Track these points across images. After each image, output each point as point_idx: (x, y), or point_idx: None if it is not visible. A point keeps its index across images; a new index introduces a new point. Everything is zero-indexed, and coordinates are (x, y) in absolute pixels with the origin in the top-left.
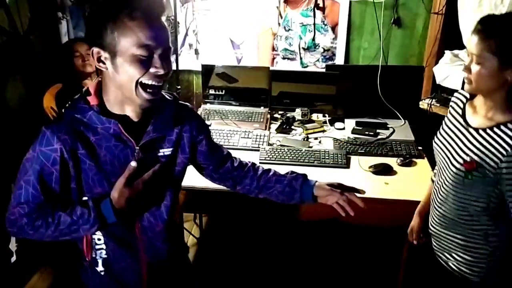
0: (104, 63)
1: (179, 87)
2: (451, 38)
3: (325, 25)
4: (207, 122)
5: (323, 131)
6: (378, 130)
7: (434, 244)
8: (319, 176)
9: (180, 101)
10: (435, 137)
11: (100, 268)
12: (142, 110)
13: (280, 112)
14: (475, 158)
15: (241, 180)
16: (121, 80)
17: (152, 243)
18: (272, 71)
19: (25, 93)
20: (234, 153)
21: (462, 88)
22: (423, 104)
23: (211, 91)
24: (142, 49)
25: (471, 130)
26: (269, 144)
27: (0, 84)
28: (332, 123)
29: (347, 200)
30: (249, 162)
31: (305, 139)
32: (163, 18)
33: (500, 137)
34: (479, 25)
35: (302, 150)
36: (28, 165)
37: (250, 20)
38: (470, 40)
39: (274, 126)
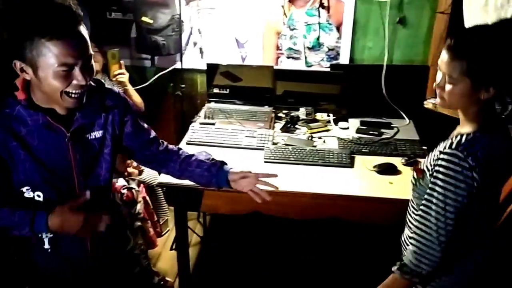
0: (27, 73)
1: (183, 85)
2: None
3: (330, 24)
4: (211, 121)
5: (327, 130)
6: (382, 130)
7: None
8: (323, 175)
9: (105, 86)
10: None
11: (46, 246)
12: (68, 109)
13: (284, 111)
14: (424, 166)
15: (165, 163)
16: (45, 89)
17: None
18: (276, 70)
19: None
20: (238, 152)
21: None
22: (428, 103)
23: (216, 90)
24: (61, 66)
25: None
26: (274, 143)
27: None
28: (336, 122)
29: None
30: (175, 147)
31: (309, 138)
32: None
33: (447, 140)
34: (450, 41)
35: (306, 149)
36: None
37: (254, 19)
38: (442, 56)
39: (279, 125)
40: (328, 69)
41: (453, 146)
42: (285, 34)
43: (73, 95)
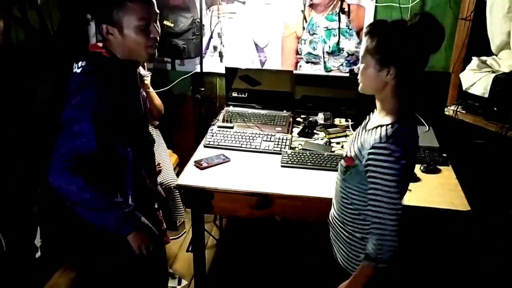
0: (113, 35)
1: (202, 89)
2: (478, 44)
3: (350, 29)
4: (230, 124)
5: (346, 135)
6: None
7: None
8: None
9: None
10: None
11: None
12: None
13: (302, 116)
14: (353, 154)
15: None
16: (129, 45)
17: None
18: (295, 75)
19: (54, 92)
20: (256, 156)
21: (490, 95)
22: (449, 110)
23: (234, 94)
24: (142, 21)
25: (363, 131)
26: (291, 148)
27: (30, 84)
28: (354, 128)
29: None
30: None
31: (327, 143)
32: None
33: (374, 133)
34: (367, 28)
35: (324, 154)
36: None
37: (274, 24)
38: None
39: (296, 130)
40: (347, 74)
41: (382, 140)
42: (304, 39)
43: (153, 47)
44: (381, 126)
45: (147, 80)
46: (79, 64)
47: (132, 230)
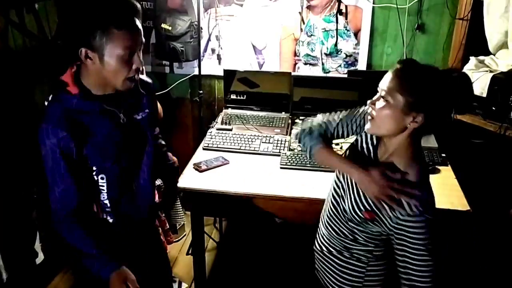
0: (92, 60)
1: (201, 91)
2: (476, 44)
3: (348, 30)
4: (229, 127)
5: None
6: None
7: (316, 264)
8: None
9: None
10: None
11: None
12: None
13: (301, 118)
14: (374, 207)
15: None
16: (106, 74)
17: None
18: (293, 77)
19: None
20: (255, 158)
21: (488, 94)
22: None
23: (233, 96)
24: (126, 51)
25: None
26: (290, 149)
27: (28, 88)
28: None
29: None
30: None
31: None
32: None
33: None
34: (399, 65)
35: None
36: (50, 160)
37: (272, 26)
38: (385, 75)
39: (295, 131)
40: (346, 76)
41: (419, 209)
42: (302, 41)
43: (133, 78)
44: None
45: None
46: (49, 97)
47: (111, 273)
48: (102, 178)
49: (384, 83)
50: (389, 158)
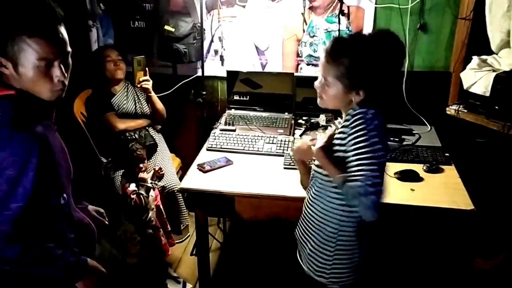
0: (7, 68)
1: (204, 93)
2: (478, 44)
3: (350, 31)
4: (232, 127)
5: None
6: (403, 136)
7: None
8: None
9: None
10: None
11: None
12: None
13: (304, 118)
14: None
15: None
16: (27, 85)
17: None
18: (296, 77)
19: None
20: (258, 158)
21: (491, 93)
22: (450, 110)
23: (236, 97)
24: (41, 61)
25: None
26: (293, 150)
27: None
28: None
29: None
30: None
31: None
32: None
33: (344, 125)
34: (329, 46)
35: None
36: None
37: (275, 27)
38: (321, 60)
39: (298, 131)
40: None
41: (351, 113)
42: (305, 41)
43: (60, 90)
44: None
45: (148, 85)
46: None
47: (78, 280)
48: (64, 199)
49: (321, 68)
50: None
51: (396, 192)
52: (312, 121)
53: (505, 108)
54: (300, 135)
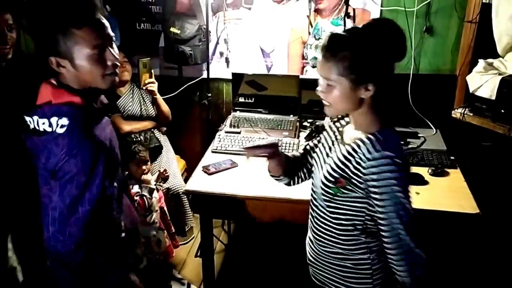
0: (65, 68)
1: (209, 94)
2: (484, 47)
3: None
4: (237, 130)
5: None
6: (409, 139)
7: (313, 274)
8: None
9: None
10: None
11: None
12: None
13: (309, 120)
14: (341, 172)
15: None
16: (84, 77)
17: None
18: (301, 80)
19: None
20: (263, 161)
21: (497, 97)
22: (456, 113)
23: (241, 99)
24: (95, 49)
25: (342, 145)
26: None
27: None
28: None
29: None
30: None
31: None
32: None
33: (362, 146)
34: (324, 44)
35: None
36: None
37: (280, 29)
38: (319, 61)
39: (303, 134)
40: None
41: (377, 149)
42: (310, 44)
43: (113, 74)
44: (367, 137)
45: (153, 87)
46: (56, 122)
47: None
48: (115, 187)
49: (320, 69)
50: (358, 130)
51: None
52: (317, 123)
53: (511, 111)
54: (305, 138)
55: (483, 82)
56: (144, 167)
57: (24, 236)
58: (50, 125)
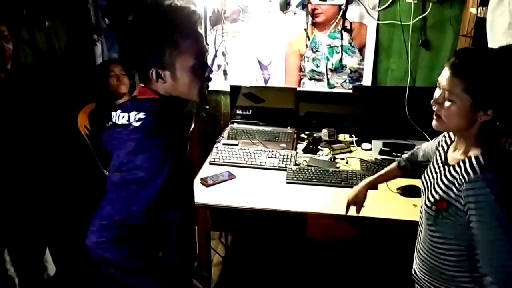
0: (163, 79)
1: (207, 107)
2: None
3: (352, 46)
4: (235, 142)
5: (350, 151)
6: (405, 151)
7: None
8: (346, 197)
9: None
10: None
11: None
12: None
13: (306, 132)
14: (443, 195)
15: None
16: (181, 89)
17: None
18: (299, 92)
19: (60, 111)
20: (261, 173)
21: None
22: None
23: (239, 111)
24: (196, 59)
25: (446, 167)
26: (296, 164)
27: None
28: (359, 144)
29: None
30: None
31: (332, 159)
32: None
33: (462, 168)
34: (455, 59)
35: (329, 170)
36: None
37: (278, 42)
38: (443, 73)
39: (301, 146)
40: (351, 91)
41: (477, 170)
42: (308, 56)
43: (207, 87)
44: (470, 157)
45: None
46: (134, 115)
47: None
48: (178, 215)
49: (445, 82)
50: (462, 151)
51: (399, 208)
52: (314, 135)
53: (505, 123)
54: (303, 150)
55: None
56: None
57: (17, 247)
58: (128, 119)
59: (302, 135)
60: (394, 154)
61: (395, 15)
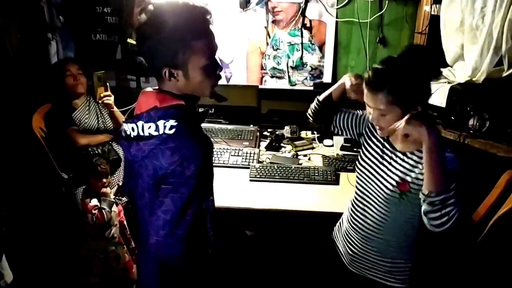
0: (175, 77)
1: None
2: (434, 56)
3: (313, 44)
4: None
5: (312, 148)
6: (355, 149)
7: (350, 263)
8: (309, 192)
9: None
10: (357, 163)
11: None
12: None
13: (269, 130)
14: (408, 178)
15: None
16: (193, 87)
17: None
18: (260, 90)
19: (14, 113)
20: (224, 171)
21: (447, 104)
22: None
23: (201, 110)
24: (209, 59)
25: (398, 153)
26: (259, 162)
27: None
28: (321, 140)
29: None
30: None
31: (294, 156)
32: None
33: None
34: (370, 79)
35: (291, 167)
36: None
37: (238, 40)
38: (366, 94)
39: (264, 143)
40: (312, 88)
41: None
42: (268, 54)
43: (217, 85)
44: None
45: (110, 101)
46: (163, 124)
47: None
48: (211, 201)
49: (371, 102)
50: (407, 141)
51: None
52: (277, 133)
53: (460, 118)
54: (266, 147)
55: (434, 91)
56: (104, 180)
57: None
58: (157, 128)
59: (265, 133)
60: (355, 149)
61: (353, 13)
